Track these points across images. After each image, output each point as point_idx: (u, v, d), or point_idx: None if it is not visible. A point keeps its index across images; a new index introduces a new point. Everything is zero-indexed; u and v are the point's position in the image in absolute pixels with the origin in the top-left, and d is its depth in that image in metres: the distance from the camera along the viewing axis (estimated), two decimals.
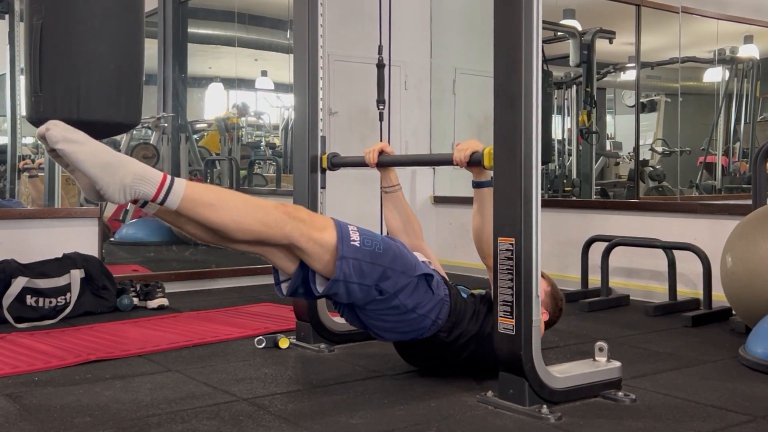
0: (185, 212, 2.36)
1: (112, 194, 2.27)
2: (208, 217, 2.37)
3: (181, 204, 2.33)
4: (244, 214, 2.41)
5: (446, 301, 2.77)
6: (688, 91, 7.40)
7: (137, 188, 2.28)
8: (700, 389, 2.80)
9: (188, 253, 6.17)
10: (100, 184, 2.26)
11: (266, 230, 2.44)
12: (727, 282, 3.77)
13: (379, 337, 2.85)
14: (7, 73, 5.31)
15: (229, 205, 2.40)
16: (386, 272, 2.60)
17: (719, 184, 7.63)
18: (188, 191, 2.34)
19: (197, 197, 2.35)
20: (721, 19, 7.37)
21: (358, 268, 2.53)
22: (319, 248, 2.51)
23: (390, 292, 2.61)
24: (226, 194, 2.44)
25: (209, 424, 2.38)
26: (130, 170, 2.28)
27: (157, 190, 2.31)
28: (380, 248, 2.62)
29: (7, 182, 5.29)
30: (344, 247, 2.52)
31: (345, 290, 2.55)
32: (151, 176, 2.30)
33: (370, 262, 2.57)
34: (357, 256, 2.54)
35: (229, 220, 2.39)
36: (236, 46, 6.86)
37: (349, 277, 2.53)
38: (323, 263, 2.54)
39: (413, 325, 2.72)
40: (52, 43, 2.72)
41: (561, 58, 6.94)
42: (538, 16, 2.46)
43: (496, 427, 2.37)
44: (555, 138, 7.37)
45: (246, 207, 2.43)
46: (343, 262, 2.51)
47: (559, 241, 5.27)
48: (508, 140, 2.50)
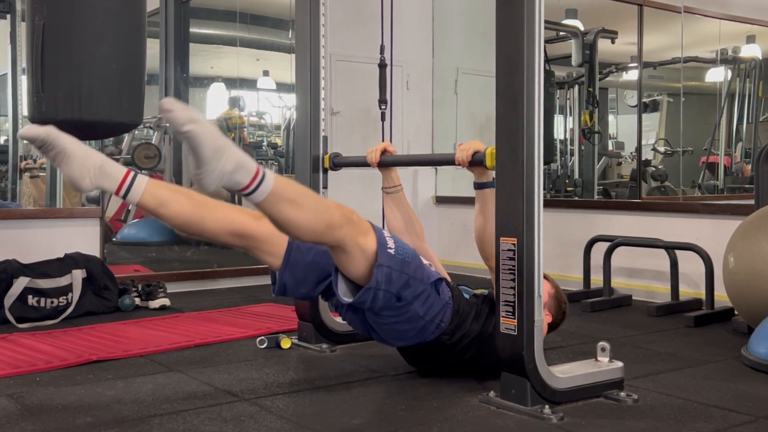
0: (268, 205, 2.30)
1: (212, 181, 2.20)
2: (285, 214, 2.31)
3: (267, 197, 2.27)
4: (315, 215, 2.37)
5: (450, 304, 2.77)
6: (691, 91, 7.39)
7: (234, 176, 2.22)
8: (702, 389, 2.80)
9: (190, 254, 6.17)
10: (207, 167, 2.18)
11: (327, 231, 2.40)
12: (729, 282, 3.77)
13: (383, 342, 2.85)
14: (9, 73, 5.31)
15: (306, 203, 2.35)
16: (409, 281, 2.60)
17: (721, 184, 7.62)
18: (276, 184, 2.28)
19: (282, 192, 2.30)
20: (723, 19, 7.36)
21: (388, 275, 2.53)
22: (361, 253, 2.49)
23: (408, 299, 2.61)
24: (302, 190, 2.40)
25: (211, 424, 2.38)
26: (232, 157, 2.21)
27: (250, 180, 2.24)
28: (409, 257, 2.62)
29: (9, 182, 5.29)
30: (382, 254, 2.52)
31: (373, 297, 2.54)
32: (249, 166, 2.23)
33: (399, 270, 2.56)
34: (390, 264, 2.53)
35: (303, 219, 2.34)
36: (238, 46, 6.85)
37: (380, 285, 2.52)
38: (360, 268, 2.52)
39: (419, 331, 2.72)
40: (54, 43, 2.72)
41: (563, 58, 6.93)
42: (540, 16, 2.45)
43: (498, 427, 2.37)
44: (557, 138, 7.37)
45: (317, 207, 2.39)
46: (379, 270, 2.50)
47: (562, 241, 5.26)
48: (510, 140, 2.50)
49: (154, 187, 2.40)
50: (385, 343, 2.87)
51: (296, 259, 2.70)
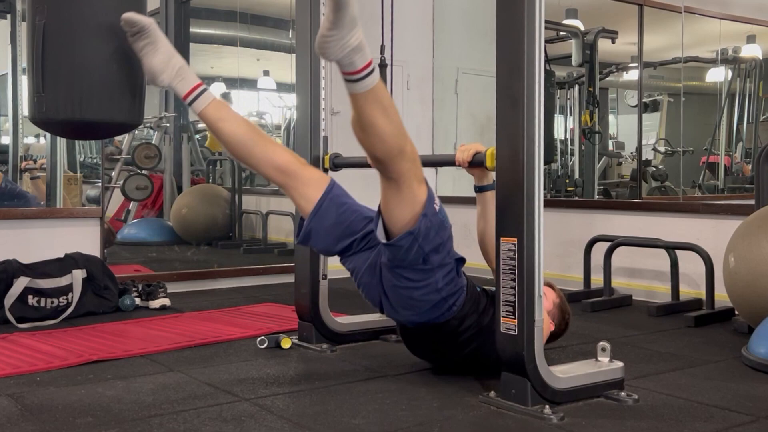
0: (363, 100, 2.45)
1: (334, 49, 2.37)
2: (374, 116, 2.46)
3: (369, 90, 2.43)
4: (397, 134, 2.50)
5: (464, 289, 2.79)
6: (691, 91, 7.39)
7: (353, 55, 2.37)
8: (702, 389, 2.80)
9: (190, 253, 6.18)
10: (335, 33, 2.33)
11: (397, 157, 2.52)
12: (729, 282, 3.77)
13: (392, 312, 2.82)
14: (9, 73, 5.31)
15: (395, 118, 2.49)
16: (440, 246, 2.65)
17: (722, 184, 7.62)
18: (378, 85, 2.45)
19: (380, 95, 2.46)
20: (723, 19, 7.36)
21: (428, 230, 2.59)
22: (410, 197, 2.57)
23: (433, 265, 2.65)
24: (395, 107, 2.52)
25: (211, 424, 2.38)
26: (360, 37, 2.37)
27: (363, 66, 2.40)
28: (447, 223, 2.69)
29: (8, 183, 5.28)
30: (429, 206, 2.60)
31: (408, 246, 2.59)
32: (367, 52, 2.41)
33: (436, 230, 2.62)
34: (433, 221, 2.60)
35: (387, 130, 2.47)
36: (238, 46, 6.86)
37: (418, 236, 2.57)
38: (404, 212, 2.58)
39: (432, 305, 2.72)
40: (55, 43, 2.71)
41: (563, 58, 6.93)
42: (541, 16, 2.45)
43: (499, 427, 2.37)
44: (557, 138, 7.37)
45: (401, 129, 2.52)
46: (424, 220, 2.57)
47: (562, 241, 5.26)
48: (510, 140, 2.50)
49: (219, 103, 2.78)
50: (395, 315, 2.83)
51: (328, 209, 2.81)
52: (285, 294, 4.73)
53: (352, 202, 2.89)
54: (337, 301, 3.50)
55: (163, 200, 6.56)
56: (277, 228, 6.41)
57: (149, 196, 6.35)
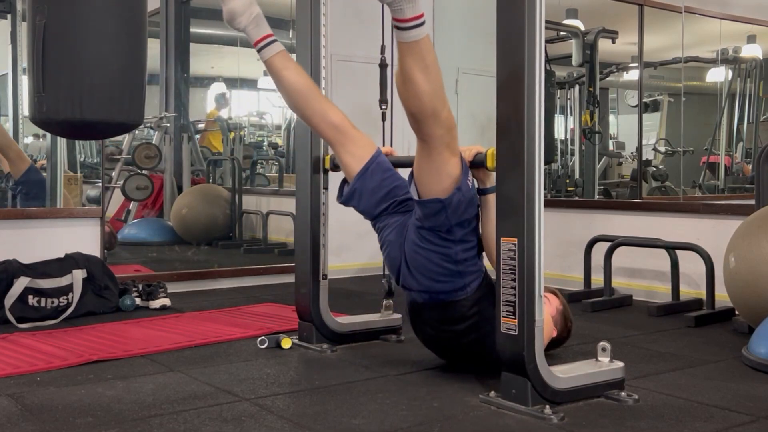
0: (407, 50, 2.48)
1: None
2: (414, 70, 2.49)
3: (412, 44, 2.47)
4: (434, 94, 2.53)
5: (481, 275, 2.83)
6: (691, 91, 7.38)
7: (404, 3, 2.44)
8: (703, 389, 2.80)
9: (190, 253, 6.18)
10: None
11: (431, 118, 2.56)
12: (730, 282, 3.77)
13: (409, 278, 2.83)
14: (10, 73, 5.32)
15: (435, 79, 2.53)
16: (466, 222, 2.72)
17: (722, 184, 7.61)
18: (424, 40, 2.49)
19: (423, 52, 2.49)
20: (724, 19, 7.36)
21: (458, 202, 2.66)
22: (441, 165, 2.63)
23: (457, 237, 2.72)
24: (437, 68, 2.54)
25: (211, 424, 2.38)
26: None
27: (414, 16, 2.46)
28: (476, 201, 2.76)
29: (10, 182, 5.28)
30: (463, 180, 2.66)
31: (436, 212, 2.66)
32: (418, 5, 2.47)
33: (466, 206, 2.69)
34: (465, 195, 2.67)
35: (424, 88, 2.50)
36: (239, 46, 6.86)
37: (448, 206, 2.65)
38: (433, 180, 2.65)
39: (449, 278, 2.76)
40: (55, 43, 2.72)
41: (564, 58, 6.92)
42: (541, 16, 2.45)
43: (499, 427, 2.37)
44: (558, 138, 7.37)
45: (439, 91, 2.55)
46: (458, 193, 2.65)
47: (562, 241, 5.26)
48: (511, 140, 2.50)
49: (285, 55, 2.99)
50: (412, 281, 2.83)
51: (374, 171, 2.96)
52: (285, 294, 4.73)
53: (395, 171, 3.03)
54: (337, 301, 3.50)
55: (164, 200, 6.56)
56: (278, 228, 6.41)
57: (149, 196, 6.36)
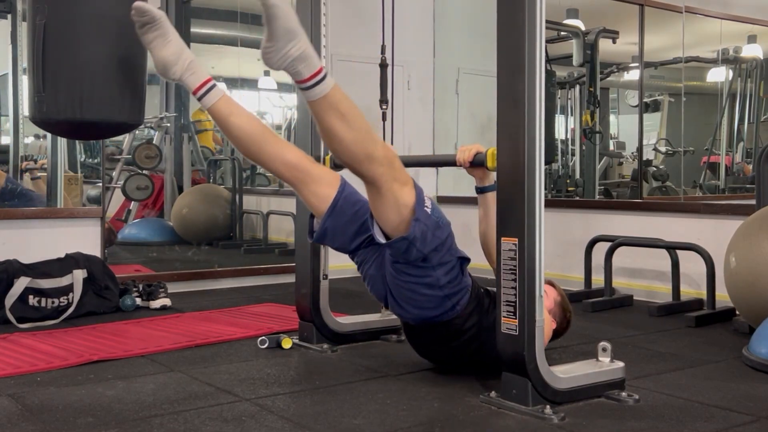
0: (317, 107, 2.43)
1: (275, 60, 2.36)
2: (332, 124, 2.44)
3: (321, 99, 2.41)
4: (360, 139, 2.48)
5: (468, 289, 2.80)
6: (692, 91, 7.38)
7: (297, 65, 2.36)
8: (703, 389, 2.80)
9: (191, 253, 6.17)
10: (274, 43, 2.33)
11: (365, 162, 2.50)
12: (730, 282, 3.76)
13: (397, 308, 2.84)
14: (10, 73, 5.31)
15: (355, 124, 2.47)
16: (439, 246, 2.66)
17: (723, 184, 7.61)
18: (332, 92, 2.42)
19: (336, 102, 2.43)
20: (724, 19, 7.36)
21: (424, 234, 2.60)
22: (393, 200, 2.57)
23: (433, 263, 2.66)
24: (357, 112, 2.50)
25: (212, 424, 2.37)
26: (302, 45, 2.36)
27: (310, 75, 2.39)
28: (443, 222, 2.70)
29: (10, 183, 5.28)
30: (420, 210, 2.60)
31: (405, 248, 2.61)
32: (314, 61, 2.39)
33: (433, 232, 2.63)
34: (427, 223, 2.61)
35: (348, 137, 2.46)
36: (239, 46, 6.85)
37: (415, 240, 2.59)
38: (391, 216, 2.60)
39: (435, 302, 2.73)
40: (55, 43, 2.71)
41: (564, 58, 6.92)
42: (541, 16, 2.45)
43: (500, 427, 2.37)
44: (558, 138, 7.36)
45: (365, 134, 2.50)
46: (417, 225, 2.58)
47: (563, 241, 5.26)
48: (511, 140, 2.50)
49: (229, 99, 2.70)
50: (400, 311, 2.84)
51: (343, 207, 2.79)
52: (286, 294, 4.73)
53: (364, 200, 2.87)
54: (337, 301, 3.50)
55: (164, 200, 6.55)
56: (278, 228, 6.40)
57: (150, 196, 6.35)
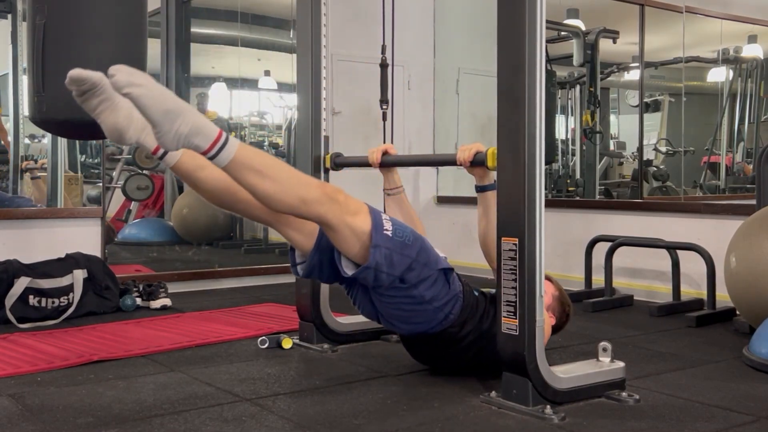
0: (231, 171, 2.34)
1: (167, 142, 2.24)
2: (251, 183, 2.36)
3: (230, 164, 2.31)
4: (286, 188, 2.40)
5: (460, 296, 2.78)
6: (692, 91, 7.38)
7: (192, 139, 2.25)
8: (703, 389, 2.80)
9: (191, 253, 6.17)
10: (158, 129, 2.22)
11: (302, 207, 2.43)
12: (731, 282, 3.76)
13: (390, 325, 2.84)
14: (10, 72, 5.31)
15: (275, 175, 2.38)
16: (412, 264, 2.62)
17: (723, 184, 7.61)
18: (239, 153, 2.31)
19: (247, 161, 2.34)
20: (725, 19, 7.36)
21: (389, 257, 2.55)
22: (350, 232, 2.51)
23: (412, 282, 2.63)
24: (273, 163, 2.42)
25: (212, 424, 2.37)
26: (189, 120, 2.24)
27: (210, 144, 2.27)
28: (409, 240, 2.63)
29: (10, 182, 5.29)
30: (378, 235, 2.54)
31: (373, 277, 2.57)
32: (208, 130, 2.27)
33: (400, 253, 2.58)
34: (389, 246, 2.56)
35: (270, 190, 2.38)
36: (239, 46, 6.85)
37: (380, 266, 2.54)
38: (353, 248, 2.55)
39: (426, 316, 2.72)
40: (55, 43, 2.72)
41: (564, 58, 6.92)
42: (542, 16, 2.45)
43: (500, 427, 2.37)
44: (558, 138, 7.36)
45: (290, 181, 2.43)
46: (377, 251, 2.53)
47: (563, 241, 5.26)
48: (511, 140, 2.50)
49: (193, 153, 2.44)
50: (393, 328, 2.85)
51: (328, 242, 2.69)
52: (286, 294, 4.73)
53: None
54: (338, 302, 3.49)
55: (164, 200, 6.55)
56: None
57: (150, 196, 6.35)
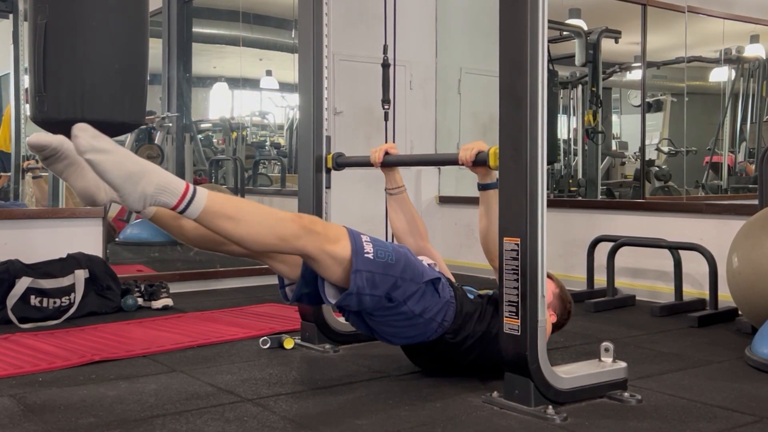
0: (203, 222, 2.33)
1: (133, 203, 2.23)
2: (225, 229, 2.35)
3: (201, 215, 2.30)
4: (261, 228, 2.39)
5: (452, 303, 2.76)
6: (694, 91, 7.37)
7: (158, 198, 2.24)
8: (706, 390, 2.79)
9: (193, 254, 6.16)
10: (121, 193, 2.21)
11: (281, 243, 2.43)
12: (733, 282, 3.76)
13: (386, 341, 2.85)
14: (11, 72, 5.32)
15: (249, 218, 2.38)
16: (397, 282, 2.59)
17: (725, 184, 7.60)
18: (209, 203, 2.30)
19: (218, 209, 2.32)
20: (727, 19, 7.35)
21: (371, 280, 2.53)
22: (332, 260, 2.50)
23: (399, 300, 2.61)
24: (245, 206, 2.41)
25: (214, 424, 2.37)
26: (153, 180, 2.23)
27: (178, 200, 2.26)
28: (392, 259, 2.60)
29: (11, 182, 5.29)
30: (358, 260, 2.52)
31: (357, 301, 2.56)
32: (174, 187, 2.26)
33: (383, 273, 2.56)
34: (371, 269, 2.53)
35: (246, 233, 2.37)
36: (241, 46, 6.85)
37: (363, 290, 2.53)
38: (336, 274, 2.54)
39: (419, 329, 2.72)
40: (56, 43, 2.72)
41: (566, 58, 6.92)
42: (544, 16, 2.45)
43: (502, 427, 2.37)
44: (561, 138, 7.35)
45: (264, 221, 2.41)
46: (358, 276, 2.51)
47: (565, 241, 5.26)
48: (513, 140, 2.50)
49: None
50: (389, 342, 2.87)
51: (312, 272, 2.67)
52: None
53: None
54: None
55: None
56: None
57: None
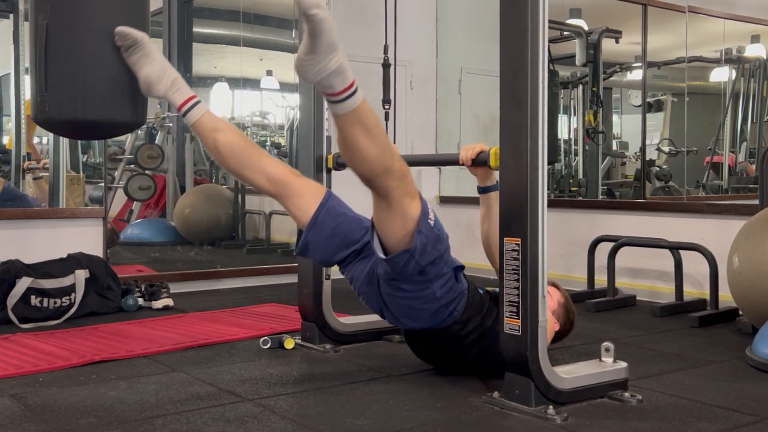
0: (344, 121, 2.41)
1: (312, 73, 2.33)
2: (357, 138, 2.42)
3: (349, 113, 2.39)
4: (381, 153, 2.46)
5: (465, 294, 2.78)
6: (695, 91, 7.37)
7: (332, 78, 2.34)
8: (706, 390, 2.79)
9: (193, 254, 6.17)
10: (313, 57, 2.30)
11: (383, 175, 2.48)
12: (733, 282, 3.76)
13: (394, 321, 2.83)
14: (12, 72, 5.31)
15: (378, 138, 2.46)
16: (437, 259, 2.63)
17: (726, 184, 7.60)
18: (363, 104, 2.40)
19: (363, 116, 2.41)
20: (727, 19, 7.35)
21: (424, 246, 2.57)
22: (401, 214, 2.54)
23: (430, 276, 2.64)
24: (380, 125, 2.49)
25: (214, 424, 2.37)
26: (339, 57, 2.34)
27: (344, 88, 2.36)
28: (443, 235, 2.67)
29: (12, 182, 5.29)
30: (424, 222, 2.57)
31: (405, 262, 2.58)
32: (348, 75, 2.37)
33: (434, 245, 2.60)
34: (429, 235, 2.58)
35: (370, 150, 2.44)
36: (241, 46, 6.86)
37: (415, 253, 2.56)
38: (394, 229, 2.57)
39: (432, 312, 2.72)
40: (58, 43, 2.71)
41: (567, 58, 6.92)
42: (545, 16, 2.45)
43: (502, 427, 2.37)
44: (561, 138, 7.35)
45: (386, 147, 2.49)
46: (419, 237, 2.55)
47: (566, 241, 5.25)
48: (514, 140, 2.50)
49: (213, 115, 2.75)
50: (397, 323, 2.85)
51: (324, 220, 2.76)
52: (288, 294, 4.73)
53: (349, 212, 2.85)
54: (340, 302, 3.49)
55: (166, 200, 6.55)
56: (281, 228, 6.40)
57: (152, 196, 6.35)
